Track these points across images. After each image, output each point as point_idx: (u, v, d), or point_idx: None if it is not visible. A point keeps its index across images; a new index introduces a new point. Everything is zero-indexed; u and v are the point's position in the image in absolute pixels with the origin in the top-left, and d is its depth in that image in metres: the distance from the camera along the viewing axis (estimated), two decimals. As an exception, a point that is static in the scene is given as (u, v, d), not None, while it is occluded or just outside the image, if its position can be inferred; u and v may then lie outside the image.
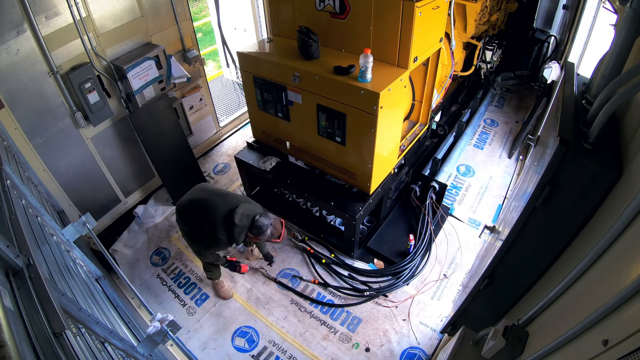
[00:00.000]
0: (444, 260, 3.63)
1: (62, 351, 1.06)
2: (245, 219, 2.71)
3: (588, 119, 1.51)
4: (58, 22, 2.93)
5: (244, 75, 3.37)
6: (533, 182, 1.66)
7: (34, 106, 3.00)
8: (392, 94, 2.71)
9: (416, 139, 3.65)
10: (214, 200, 2.78)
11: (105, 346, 1.65)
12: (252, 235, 2.77)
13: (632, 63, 1.55)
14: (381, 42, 2.79)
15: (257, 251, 3.61)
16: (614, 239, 1.16)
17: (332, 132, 3.02)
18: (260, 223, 2.71)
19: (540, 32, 5.52)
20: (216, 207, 2.72)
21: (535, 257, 1.75)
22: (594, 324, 1.09)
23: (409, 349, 3.04)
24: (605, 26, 3.37)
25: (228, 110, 5.67)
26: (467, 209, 4.13)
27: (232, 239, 2.72)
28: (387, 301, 3.35)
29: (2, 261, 1.19)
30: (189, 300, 3.44)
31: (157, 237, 3.99)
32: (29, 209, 2.09)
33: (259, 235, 2.72)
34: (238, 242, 2.77)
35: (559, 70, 4.67)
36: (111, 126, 3.65)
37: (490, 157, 4.77)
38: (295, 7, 3.07)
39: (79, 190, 3.58)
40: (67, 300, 1.55)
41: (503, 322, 1.65)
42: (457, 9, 3.92)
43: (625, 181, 1.30)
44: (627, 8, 1.45)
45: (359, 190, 3.27)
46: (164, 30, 3.76)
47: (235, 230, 2.67)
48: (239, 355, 3.06)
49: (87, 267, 2.85)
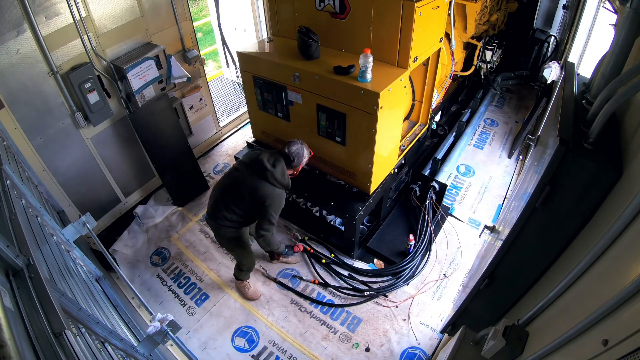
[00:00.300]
0: (444, 260, 3.63)
1: (62, 351, 1.06)
2: (274, 159, 2.61)
3: (588, 119, 1.51)
4: (58, 22, 2.93)
5: (244, 75, 3.37)
6: (533, 182, 1.66)
7: (34, 106, 3.00)
8: (392, 94, 2.71)
9: (416, 139, 3.65)
10: (231, 182, 2.69)
11: (105, 346, 1.65)
12: (293, 168, 2.69)
13: (632, 63, 1.55)
14: (381, 42, 2.79)
15: None
16: (614, 239, 1.16)
17: (332, 132, 3.02)
18: (291, 149, 2.63)
19: (540, 32, 5.51)
20: (241, 180, 2.62)
21: (535, 257, 1.75)
22: (594, 324, 1.09)
23: (409, 349, 3.04)
24: (605, 26, 3.37)
25: (228, 110, 5.66)
26: (467, 209, 4.13)
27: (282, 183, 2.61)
28: (387, 301, 3.35)
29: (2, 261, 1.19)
30: (189, 300, 3.44)
31: (157, 237, 3.99)
32: (29, 209, 2.09)
33: (300, 161, 2.66)
34: (288, 184, 2.65)
35: (559, 70, 4.67)
36: (111, 126, 3.65)
37: (490, 157, 4.77)
38: (295, 7, 3.07)
39: (79, 190, 3.59)
40: (67, 300, 1.55)
41: (503, 322, 1.65)
42: (457, 9, 3.92)
43: (625, 181, 1.29)
44: (627, 8, 1.45)
45: (359, 190, 3.27)
46: (164, 30, 3.76)
47: (277, 174, 2.57)
48: (239, 355, 3.06)
49: (87, 267, 2.85)
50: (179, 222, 4.12)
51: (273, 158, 2.62)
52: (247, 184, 2.62)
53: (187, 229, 4.06)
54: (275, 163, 2.60)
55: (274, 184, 2.61)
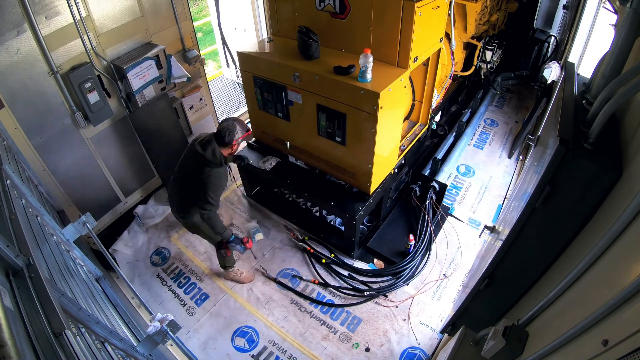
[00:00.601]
0: (444, 260, 3.63)
1: (62, 351, 1.06)
2: (210, 143, 2.68)
3: (588, 119, 1.51)
4: (58, 22, 2.93)
5: (244, 75, 3.37)
6: (533, 182, 1.66)
7: (34, 106, 3.00)
8: (392, 94, 2.71)
9: (416, 139, 3.65)
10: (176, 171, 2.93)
11: (105, 346, 1.65)
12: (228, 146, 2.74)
13: (632, 63, 1.55)
14: (381, 42, 2.79)
15: None
16: (614, 239, 1.16)
17: (332, 132, 3.01)
18: (222, 127, 2.70)
19: (541, 32, 5.51)
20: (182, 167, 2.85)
21: (535, 257, 1.75)
22: (594, 324, 1.09)
23: (409, 349, 3.04)
24: (605, 26, 3.37)
25: (228, 110, 5.67)
26: (467, 209, 4.13)
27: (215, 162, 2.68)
28: (387, 301, 3.35)
29: (2, 261, 1.19)
30: (189, 300, 3.44)
31: (157, 237, 3.99)
32: (29, 208, 2.09)
33: (233, 137, 2.70)
34: (221, 162, 2.71)
35: (559, 70, 4.67)
36: (111, 126, 3.65)
37: (490, 157, 4.77)
38: (295, 7, 3.07)
39: (79, 190, 3.58)
40: (67, 300, 1.55)
41: (503, 322, 1.65)
42: (457, 9, 3.92)
43: (625, 181, 1.30)
44: (627, 8, 1.45)
45: (359, 190, 3.27)
46: (164, 30, 3.76)
47: (207, 154, 2.64)
48: (239, 355, 3.06)
49: (87, 267, 2.85)
50: (179, 222, 4.12)
51: (205, 141, 2.71)
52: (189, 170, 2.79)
53: (187, 229, 4.06)
54: (205, 145, 2.68)
55: (208, 165, 2.68)
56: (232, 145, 2.76)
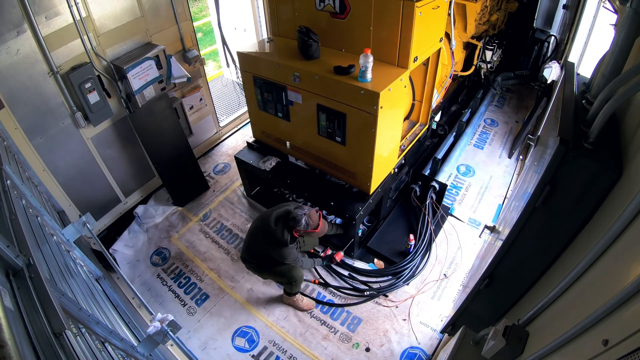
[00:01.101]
0: (444, 260, 3.63)
1: (62, 351, 1.06)
2: (281, 220, 2.77)
3: (588, 119, 1.51)
4: (58, 22, 2.93)
5: (244, 75, 3.37)
6: (533, 182, 1.66)
7: (34, 106, 3.00)
8: (392, 94, 2.71)
9: (416, 139, 3.65)
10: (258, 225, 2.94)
11: (105, 346, 1.65)
12: (292, 229, 2.77)
13: (632, 63, 1.54)
14: (381, 42, 2.79)
15: None
16: (614, 239, 1.16)
17: (332, 132, 3.01)
18: (293, 215, 2.74)
19: (541, 32, 5.51)
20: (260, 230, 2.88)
21: (535, 257, 1.75)
22: (594, 324, 1.09)
23: (409, 349, 3.04)
24: (605, 26, 3.37)
25: (228, 110, 5.67)
26: (467, 208, 4.13)
27: (281, 241, 2.77)
28: (387, 301, 3.35)
29: (2, 261, 1.19)
30: (189, 300, 3.44)
31: (157, 237, 3.99)
32: (29, 209, 2.09)
33: (296, 226, 2.73)
34: (286, 242, 2.78)
35: (559, 70, 4.67)
36: (111, 126, 3.65)
37: (490, 157, 4.77)
38: (295, 7, 3.07)
39: (79, 190, 3.59)
40: (67, 300, 1.55)
41: (503, 322, 1.65)
42: (457, 9, 3.92)
43: (625, 181, 1.29)
44: (627, 8, 1.44)
45: (359, 190, 3.27)
46: (164, 30, 3.76)
47: (277, 233, 2.74)
48: (239, 355, 3.06)
49: (87, 267, 2.85)
50: (179, 222, 4.13)
51: (280, 217, 2.80)
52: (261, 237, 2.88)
53: (187, 229, 4.06)
54: (277, 221, 2.79)
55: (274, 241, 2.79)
56: (296, 233, 2.82)
